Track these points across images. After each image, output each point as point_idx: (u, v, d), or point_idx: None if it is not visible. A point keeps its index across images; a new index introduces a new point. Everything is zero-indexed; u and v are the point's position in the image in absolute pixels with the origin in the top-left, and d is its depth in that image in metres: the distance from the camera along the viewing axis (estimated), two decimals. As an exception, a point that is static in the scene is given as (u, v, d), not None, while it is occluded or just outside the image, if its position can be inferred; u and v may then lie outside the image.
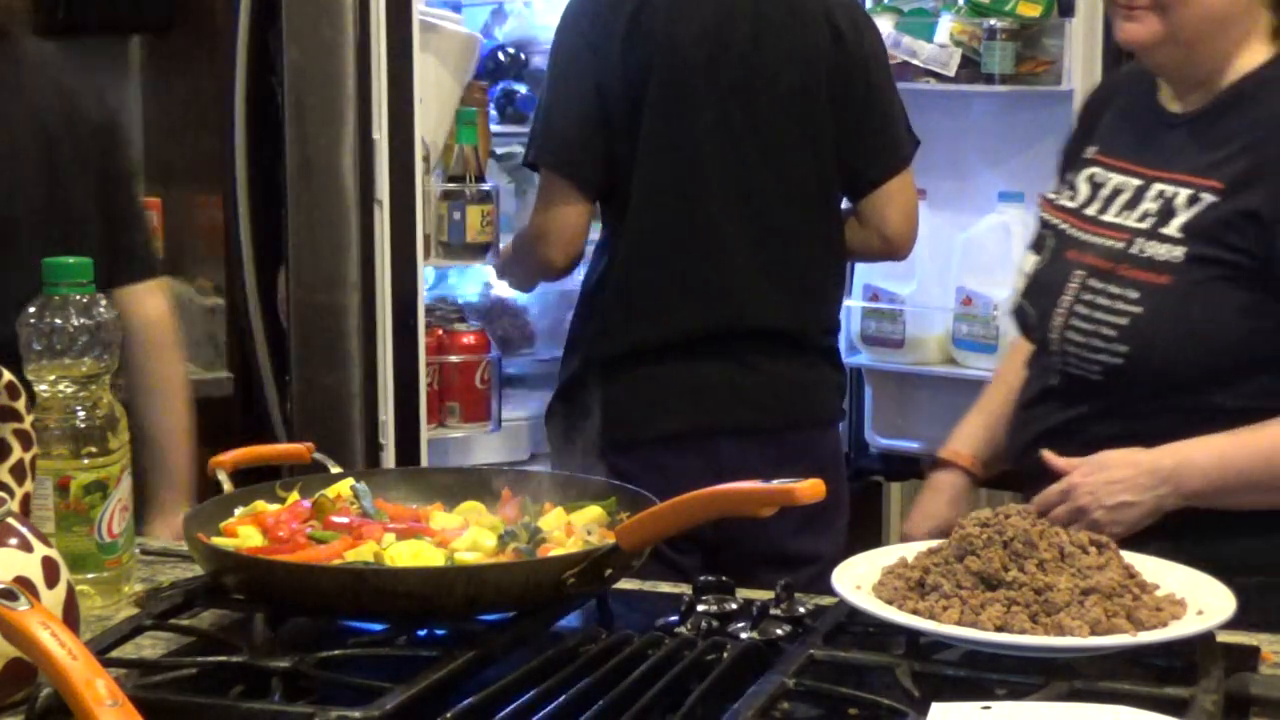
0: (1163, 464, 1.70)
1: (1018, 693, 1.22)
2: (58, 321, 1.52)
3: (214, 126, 3.05)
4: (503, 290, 3.26)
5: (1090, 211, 1.85)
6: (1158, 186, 1.79)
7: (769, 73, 2.43)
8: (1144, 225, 1.77)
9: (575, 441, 2.34)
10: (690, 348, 2.45)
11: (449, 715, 1.17)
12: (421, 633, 1.36)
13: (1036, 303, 1.85)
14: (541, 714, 1.17)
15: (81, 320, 1.53)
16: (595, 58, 2.44)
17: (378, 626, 1.36)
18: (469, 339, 2.98)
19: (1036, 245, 1.90)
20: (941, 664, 1.27)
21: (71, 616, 1.30)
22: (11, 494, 1.37)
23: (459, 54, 2.98)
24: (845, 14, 2.49)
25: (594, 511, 1.53)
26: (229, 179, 2.93)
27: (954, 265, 3.24)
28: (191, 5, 3.30)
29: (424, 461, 2.74)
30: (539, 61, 3.24)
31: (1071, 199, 1.88)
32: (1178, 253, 1.73)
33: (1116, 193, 1.83)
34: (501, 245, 2.95)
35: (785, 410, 2.46)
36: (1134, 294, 1.74)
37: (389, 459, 2.70)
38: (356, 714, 1.15)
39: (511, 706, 1.18)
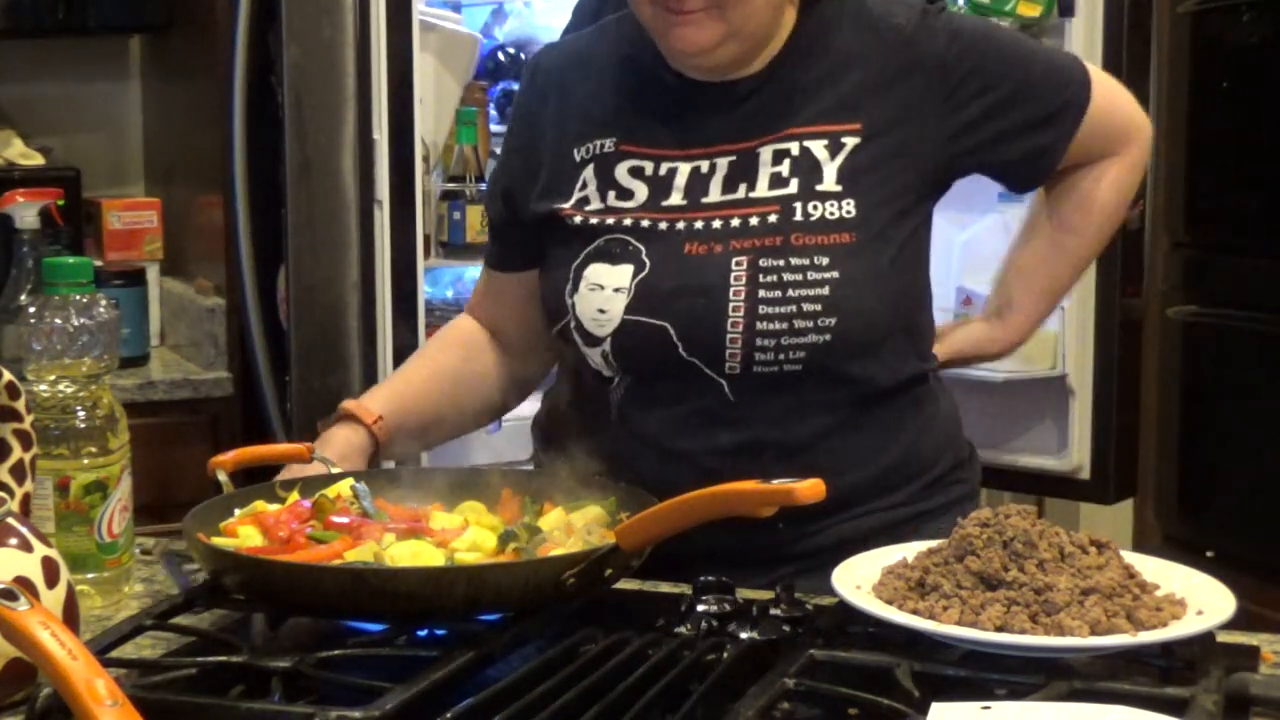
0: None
1: (1018, 693, 1.22)
2: (58, 321, 1.52)
3: (214, 126, 3.05)
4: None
5: (673, 202, 1.68)
6: (768, 150, 1.66)
7: None
8: (790, 190, 1.64)
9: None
10: None
11: (449, 715, 1.17)
12: (421, 633, 1.36)
13: (674, 312, 1.64)
14: (541, 714, 1.17)
15: (81, 320, 1.53)
16: None
17: (378, 626, 1.36)
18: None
19: (613, 257, 1.68)
20: (941, 664, 1.27)
21: (71, 616, 1.30)
22: (11, 494, 1.37)
23: (459, 54, 2.99)
24: None
25: (594, 511, 1.53)
26: (229, 179, 2.94)
27: (953, 265, 3.24)
28: (191, 5, 3.30)
29: (424, 461, 2.74)
30: (539, 62, 3.24)
31: (625, 198, 1.70)
32: (849, 206, 1.63)
33: (701, 175, 1.67)
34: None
35: None
36: (824, 259, 1.61)
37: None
38: (356, 714, 1.15)
39: (511, 706, 1.18)
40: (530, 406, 3.08)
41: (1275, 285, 3.32)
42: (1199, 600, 1.33)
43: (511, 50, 3.33)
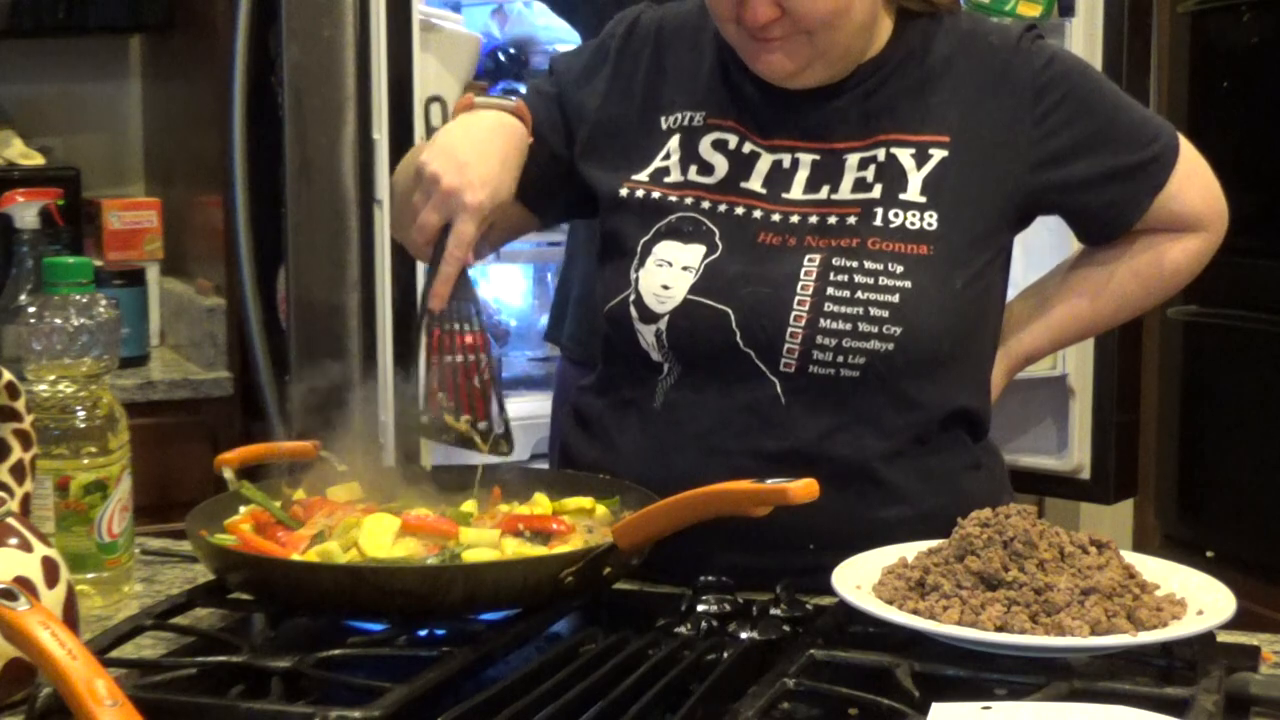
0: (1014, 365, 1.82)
1: (1018, 693, 1.22)
2: (58, 321, 1.53)
3: (214, 126, 3.05)
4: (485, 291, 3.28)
5: (752, 187, 1.66)
6: (854, 156, 1.65)
7: None
8: (873, 195, 1.62)
9: None
10: None
11: (449, 715, 1.17)
12: (421, 632, 1.36)
13: (738, 298, 1.61)
14: (541, 714, 1.17)
15: (81, 320, 1.53)
16: None
17: (378, 626, 1.36)
18: (469, 339, 2.98)
19: (685, 235, 1.65)
20: (941, 664, 1.27)
21: (71, 616, 1.30)
22: (11, 494, 1.37)
23: (459, 54, 2.98)
24: None
25: (582, 502, 1.54)
26: (229, 179, 2.94)
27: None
28: (191, 5, 3.30)
29: (424, 461, 2.73)
30: (539, 61, 3.24)
31: (705, 173, 1.67)
32: (931, 218, 1.61)
33: (783, 169, 1.65)
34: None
35: None
36: (898, 267, 1.59)
37: (389, 459, 2.70)
38: (356, 714, 1.15)
39: (511, 706, 1.18)
40: (525, 407, 3.10)
41: (1275, 285, 3.32)
42: (1199, 600, 1.33)
43: (511, 50, 3.33)
